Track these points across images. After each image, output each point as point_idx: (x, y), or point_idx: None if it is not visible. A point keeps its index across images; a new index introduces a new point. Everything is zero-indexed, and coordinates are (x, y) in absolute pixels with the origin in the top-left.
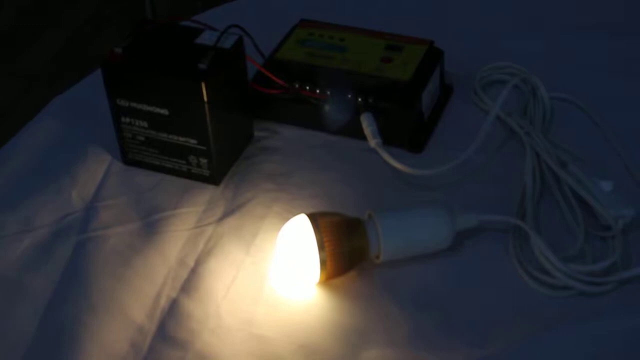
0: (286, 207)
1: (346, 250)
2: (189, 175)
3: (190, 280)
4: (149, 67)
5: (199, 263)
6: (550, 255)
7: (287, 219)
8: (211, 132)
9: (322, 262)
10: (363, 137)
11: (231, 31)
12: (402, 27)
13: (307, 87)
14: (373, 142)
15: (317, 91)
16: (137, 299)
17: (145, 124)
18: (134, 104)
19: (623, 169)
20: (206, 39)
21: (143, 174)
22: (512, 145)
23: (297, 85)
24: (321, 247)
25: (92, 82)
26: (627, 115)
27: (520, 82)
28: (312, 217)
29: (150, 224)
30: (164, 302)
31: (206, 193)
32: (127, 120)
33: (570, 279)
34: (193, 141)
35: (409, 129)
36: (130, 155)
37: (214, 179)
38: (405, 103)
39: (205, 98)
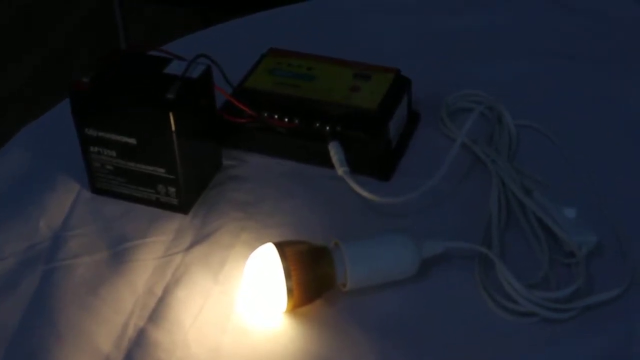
0: (254, 236)
1: (313, 279)
2: (157, 204)
3: (158, 310)
4: (117, 96)
5: (167, 292)
6: (515, 283)
7: (255, 247)
8: (179, 161)
9: (289, 291)
10: (331, 165)
11: (199, 61)
12: (370, 56)
13: (276, 116)
14: (340, 170)
15: (286, 120)
16: (104, 329)
17: (113, 153)
18: (102, 134)
19: (587, 195)
20: (174, 68)
21: (111, 203)
22: (478, 172)
23: (265, 114)
24: (288, 275)
25: (61, 110)
26: (591, 142)
27: (486, 110)
28: (279, 246)
29: (118, 253)
30: (131, 332)
31: (174, 222)
32: (96, 149)
33: (534, 305)
34: (161, 170)
35: (377, 158)
36: (99, 184)
37: (182, 208)
38: (373, 132)
39: (173, 128)
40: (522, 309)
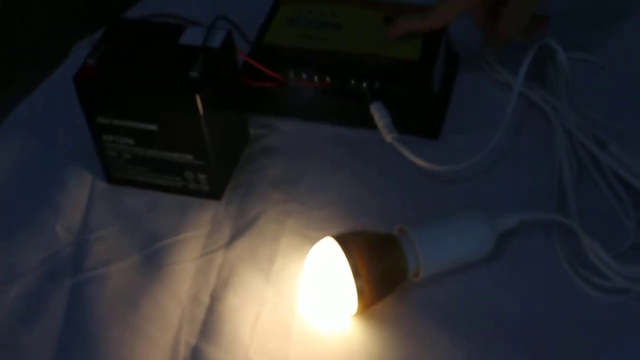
0: (301, 222)
1: (384, 274)
2: (185, 192)
3: (209, 321)
4: (132, 79)
5: (215, 299)
6: (606, 257)
7: (305, 236)
8: (209, 146)
9: (359, 291)
10: (371, 125)
11: (217, 25)
12: None
13: (304, 76)
14: (389, 137)
15: (316, 79)
16: (152, 349)
17: (131, 141)
18: (116, 121)
19: None
20: (190, 37)
21: (133, 194)
22: (536, 122)
23: (292, 74)
24: (356, 273)
25: (52, 84)
26: None
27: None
28: (342, 240)
29: (151, 256)
30: (184, 351)
31: (208, 211)
32: (110, 138)
33: (628, 281)
34: (189, 157)
35: (423, 115)
36: (116, 173)
37: (215, 194)
38: (420, 86)
39: (200, 111)
40: (614, 286)
